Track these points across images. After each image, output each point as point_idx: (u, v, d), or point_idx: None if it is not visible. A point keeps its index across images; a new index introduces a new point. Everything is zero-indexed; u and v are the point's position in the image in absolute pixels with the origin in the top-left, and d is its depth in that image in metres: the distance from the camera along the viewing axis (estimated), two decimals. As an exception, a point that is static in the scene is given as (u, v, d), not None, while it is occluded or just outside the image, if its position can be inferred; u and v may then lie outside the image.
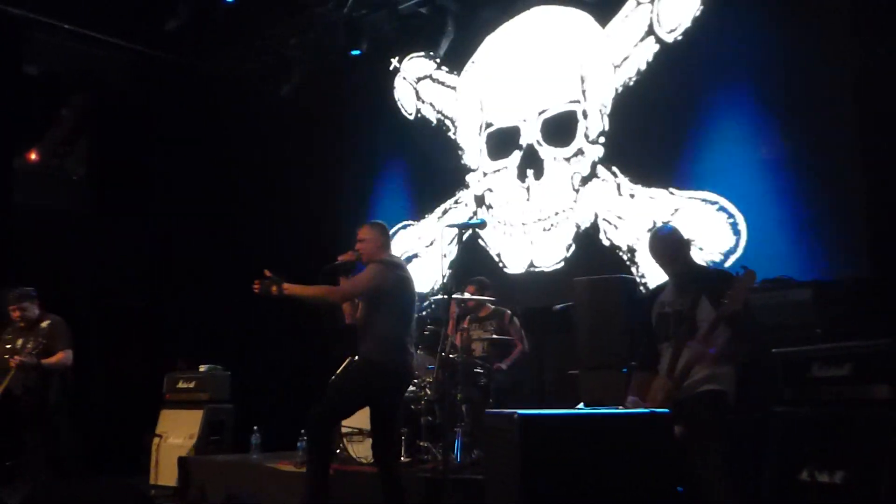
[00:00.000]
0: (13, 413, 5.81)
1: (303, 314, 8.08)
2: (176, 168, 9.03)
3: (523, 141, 7.28)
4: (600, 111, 6.87)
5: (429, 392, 5.98)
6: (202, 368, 7.31)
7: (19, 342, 5.97)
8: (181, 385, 7.30)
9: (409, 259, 8.10)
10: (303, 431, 6.30)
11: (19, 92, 8.33)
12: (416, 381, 6.15)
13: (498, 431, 3.40)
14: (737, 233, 5.90)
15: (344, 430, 6.07)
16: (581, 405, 4.89)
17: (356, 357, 4.97)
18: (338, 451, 6.10)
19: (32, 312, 6.07)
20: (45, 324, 5.92)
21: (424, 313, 7.17)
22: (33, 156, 8.74)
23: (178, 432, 7.01)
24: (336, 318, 6.59)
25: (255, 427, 6.73)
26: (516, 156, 7.33)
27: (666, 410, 3.69)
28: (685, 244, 4.16)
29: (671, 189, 6.30)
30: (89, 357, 7.58)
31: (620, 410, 3.91)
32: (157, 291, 8.96)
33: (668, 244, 4.14)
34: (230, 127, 9.03)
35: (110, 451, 7.50)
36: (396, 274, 4.85)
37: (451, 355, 5.79)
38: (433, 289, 7.57)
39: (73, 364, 6.06)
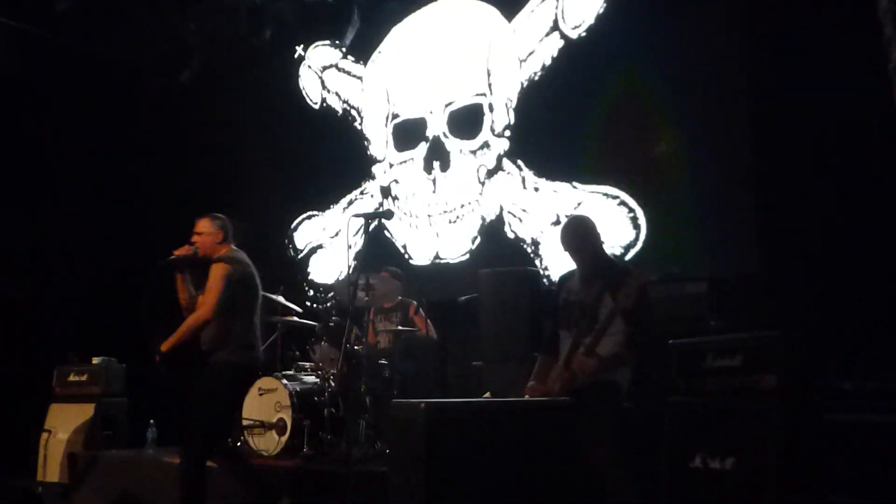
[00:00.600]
0: None
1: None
2: (65, 155, 8.69)
3: (430, 133, 7.32)
4: (506, 105, 6.95)
5: (332, 384, 5.97)
6: (95, 361, 7.07)
7: None
8: (72, 378, 7.04)
9: (313, 250, 8.04)
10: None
11: None
12: (319, 372, 6.15)
13: (403, 422, 3.42)
14: (637, 227, 6.08)
15: (245, 422, 6.00)
16: (487, 394, 4.97)
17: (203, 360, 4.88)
18: (238, 443, 6.03)
19: None
20: None
21: (329, 304, 7.16)
22: None
23: (67, 427, 6.76)
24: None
25: (151, 421, 6.57)
26: (423, 147, 7.36)
27: (565, 399, 3.80)
28: (594, 235, 4.26)
29: (574, 183, 6.44)
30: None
31: (524, 399, 4.00)
32: (43, 282, 8.61)
33: (577, 233, 4.24)
34: (125, 115, 8.74)
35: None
36: (242, 271, 4.86)
37: (355, 347, 5.79)
38: (338, 280, 7.54)
39: None
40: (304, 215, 8.13)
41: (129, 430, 7.07)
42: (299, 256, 8.13)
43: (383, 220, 7.31)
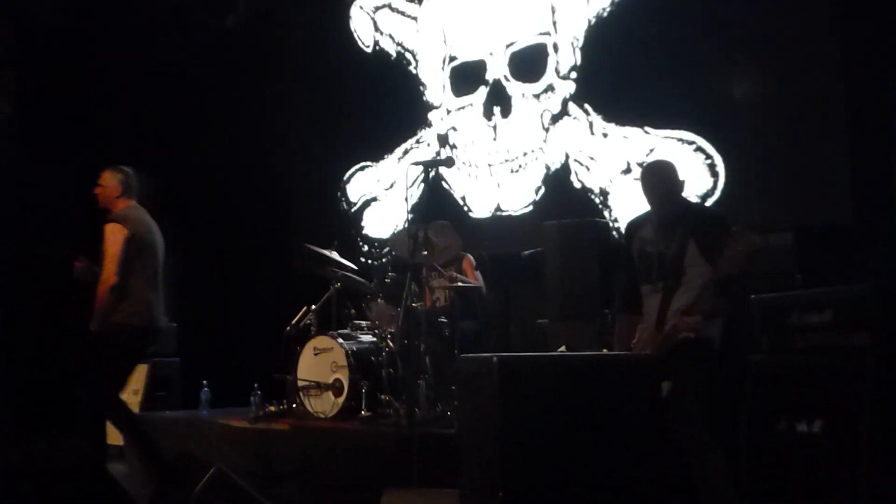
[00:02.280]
0: None
1: (256, 262, 8.08)
2: (111, 106, 8.82)
3: (489, 76, 7.24)
4: (572, 44, 6.84)
5: (390, 343, 6.03)
6: (146, 321, 7.24)
7: None
8: (124, 338, 7.24)
9: (367, 203, 8.08)
10: (255, 386, 6.36)
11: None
12: (375, 331, 6.21)
13: (473, 378, 3.37)
14: (715, 174, 5.97)
15: (300, 383, 6.11)
16: (562, 348, 4.96)
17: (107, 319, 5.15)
18: (294, 405, 6.15)
19: None
20: None
21: (385, 259, 7.21)
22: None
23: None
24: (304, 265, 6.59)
25: (205, 382, 6.73)
26: (482, 92, 7.29)
27: (654, 356, 3.75)
28: (679, 182, 4.13)
29: (646, 128, 6.33)
30: (14, 312, 7.49)
31: (607, 353, 3.96)
32: (91, 241, 8.81)
33: (664, 179, 4.07)
34: (169, 62, 8.81)
35: (46, 411, 7.44)
36: (140, 229, 5.15)
37: (414, 304, 5.82)
38: (394, 233, 7.57)
39: None
40: (357, 166, 8.15)
41: (182, 392, 7.28)
42: (353, 210, 8.17)
43: (441, 170, 7.28)
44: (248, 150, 8.38)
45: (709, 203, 5.93)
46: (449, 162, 5.60)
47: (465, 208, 7.42)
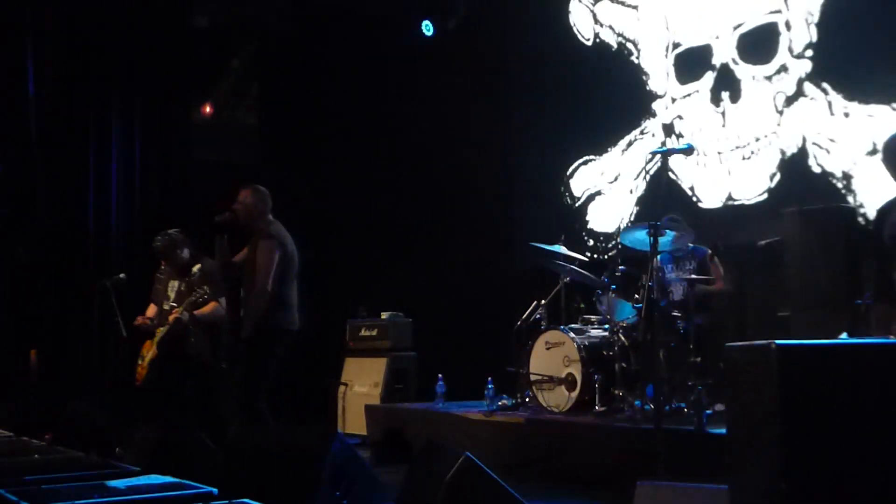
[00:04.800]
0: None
1: (484, 256, 8.25)
2: (345, 114, 9.30)
3: (716, 60, 7.02)
4: (806, 20, 6.49)
5: (621, 337, 5.98)
6: (384, 315, 7.60)
7: (171, 285, 6.17)
8: (363, 333, 7.65)
9: (591, 197, 8.04)
10: (489, 379, 6.50)
11: (189, 45, 8.82)
12: (606, 325, 6.18)
13: (745, 366, 3.18)
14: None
15: (533, 377, 6.19)
16: (843, 335, 4.70)
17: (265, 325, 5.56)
18: (527, 399, 6.24)
19: (180, 259, 6.13)
20: (196, 268, 5.97)
21: (613, 253, 7.15)
22: (208, 109, 9.26)
23: (363, 380, 7.37)
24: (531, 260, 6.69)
25: (440, 375, 6.96)
26: (709, 77, 7.08)
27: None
28: None
29: (895, 105, 5.89)
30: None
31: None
32: (328, 241, 9.31)
33: None
34: (391, 67, 9.16)
35: (291, 398, 7.97)
36: (287, 244, 5.60)
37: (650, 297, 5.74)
38: (618, 228, 7.49)
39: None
40: (581, 160, 8.13)
41: (417, 385, 7.57)
42: (576, 204, 8.17)
43: (670, 161, 7.11)
44: (472, 148, 8.58)
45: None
46: (689, 149, 5.43)
47: (694, 199, 7.22)
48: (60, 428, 6.02)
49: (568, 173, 8.26)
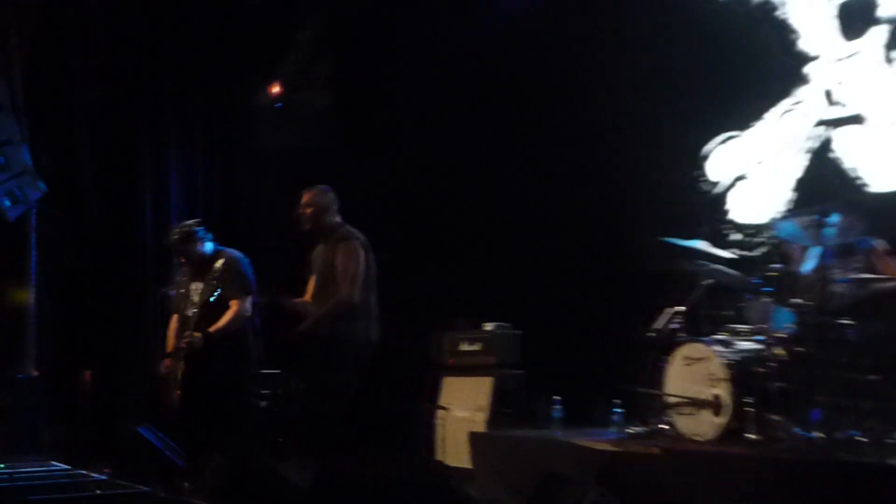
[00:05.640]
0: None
1: (603, 256, 8.11)
2: (435, 92, 9.24)
3: (885, 12, 6.83)
4: None
5: (780, 351, 5.78)
6: (487, 327, 7.52)
7: (193, 287, 6.25)
8: (463, 347, 7.57)
9: (733, 182, 7.85)
10: (616, 403, 6.37)
11: (252, 20, 8.93)
12: (760, 336, 6.01)
13: None
14: None
15: (670, 399, 6.05)
16: None
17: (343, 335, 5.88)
18: (665, 427, 6.09)
19: (198, 254, 6.24)
20: (218, 264, 6.03)
21: (764, 249, 6.94)
22: (275, 89, 9.36)
23: (465, 404, 7.27)
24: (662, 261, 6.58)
25: (557, 398, 6.84)
26: (877, 33, 6.88)
27: None
28: None
29: None
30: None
31: None
32: (415, 240, 9.28)
33: None
34: (485, 43, 9.07)
35: (372, 422, 7.93)
36: (367, 246, 5.93)
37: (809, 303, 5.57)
38: (772, 218, 7.28)
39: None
40: (719, 139, 7.92)
41: (527, 407, 7.46)
42: (715, 191, 7.97)
43: (831, 136, 6.92)
44: (586, 133, 8.44)
45: None
46: (857, 118, 5.27)
47: (858, 181, 6.97)
48: (120, 457, 6.20)
49: (703, 155, 8.07)
